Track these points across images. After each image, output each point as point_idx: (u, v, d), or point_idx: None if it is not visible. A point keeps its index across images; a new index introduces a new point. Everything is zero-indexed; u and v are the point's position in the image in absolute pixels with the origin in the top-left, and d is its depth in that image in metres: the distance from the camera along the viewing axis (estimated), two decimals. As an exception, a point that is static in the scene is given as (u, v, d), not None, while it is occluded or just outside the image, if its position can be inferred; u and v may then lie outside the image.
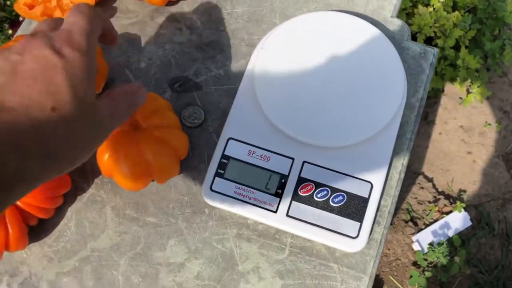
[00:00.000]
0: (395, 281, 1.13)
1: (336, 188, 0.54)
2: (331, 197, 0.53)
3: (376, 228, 0.54)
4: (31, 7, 0.61)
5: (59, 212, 0.55)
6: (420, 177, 1.22)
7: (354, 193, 0.53)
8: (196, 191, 0.56)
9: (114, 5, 0.65)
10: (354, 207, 0.53)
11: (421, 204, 1.20)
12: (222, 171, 0.55)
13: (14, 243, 0.50)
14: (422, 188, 1.21)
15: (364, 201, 0.53)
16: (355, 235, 0.52)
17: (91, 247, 0.54)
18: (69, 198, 0.56)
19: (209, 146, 0.58)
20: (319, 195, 0.54)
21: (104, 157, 0.49)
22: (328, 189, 0.54)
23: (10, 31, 1.26)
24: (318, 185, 0.54)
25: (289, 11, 0.64)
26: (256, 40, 0.63)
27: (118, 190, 0.56)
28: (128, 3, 0.66)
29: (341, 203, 0.53)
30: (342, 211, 0.53)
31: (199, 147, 0.58)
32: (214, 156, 0.55)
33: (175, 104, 0.60)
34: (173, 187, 0.56)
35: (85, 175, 0.57)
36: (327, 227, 0.53)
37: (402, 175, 0.57)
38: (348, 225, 0.53)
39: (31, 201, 0.50)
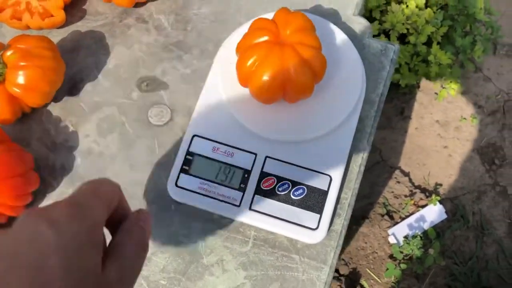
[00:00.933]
0: (372, 273, 1.15)
1: (297, 182, 0.55)
2: (292, 190, 0.55)
3: (337, 220, 0.56)
4: (0, 10, 0.63)
5: (29, 210, 0.57)
6: (397, 172, 1.24)
7: (314, 186, 0.55)
8: (163, 188, 0.58)
9: (83, 7, 0.67)
10: (314, 200, 0.55)
11: (398, 198, 1.22)
12: (187, 168, 0.56)
13: (-17, 240, 0.51)
14: (398, 182, 1.23)
15: (324, 194, 0.55)
16: (315, 227, 0.54)
17: (60, 243, 0.56)
18: (38, 196, 0.57)
19: (176, 144, 0.60)
20: (280, 189, 0.55)
21: (247, 62, 0.51)
22: (289, 182, 0.55)
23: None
24: (279, 179, 0.56)
25: (254, 11, 0.66)
26: (222, 39, 0.64)
27: (86, 188, 0.58)
28: (97, 5, 0.67)
29: (302, 196, 0.55)
30: (302, 204, 0.55)
31: (166, 145, 0.60)
32: (179, 152, 0.57)
33: (142, 103, 0.61)
34: (140, 184, 0.58)
35: (54, 172, 0.58)
36: (288, 219, 0.54)
37: (362, 168, 0.59)
38: (308, 217, 0.54)
39: (0, 199, 0.51)
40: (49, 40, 0.58)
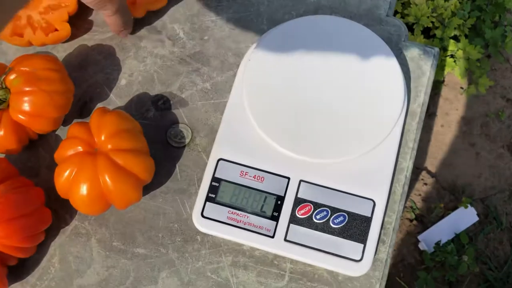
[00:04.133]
0: (402, 282, 1.10)
1: (336, 208, 0.50)
2: (331, 217, 0.50)
3: (381, 247, 0.51)
4: (-1, 26, 0.57)
5: (41, 248, 0.52)
6: (423, 173, 1.18)
7: (356, 212, 0.50)
8: (187, 218, 0.52)
9: (90, 18, 0.61)
10: (356, 228, 0.49)
11: (426, 201, 1.16)
12: (213, 195, 0.51)
13: (-7, 287, 0.46)
14: (425, 184, 1.17)
15: (367, 221, 0.50)
16: (358, 258, 0.49)
17: (78, 284, 0.51)
18: (51, 232, 0.52)
19: (199, 167, 0.54)
20: (318, 216, 0.50)
21: (61, 178, 0.47)
22: (327, 209, 0.50)
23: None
24: (317, 205, 0.50)
25: (277, 15, 0.60)
26: (243, 48, 0.58)
27: (103, 221, 0.53)
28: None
29: (342, 224, 0.50)
30: (343, 233, 0.49)
31: (188, 169, 0.54)
32: (204, 179, 0.51)
33: (159, 123, 0.56)
34: (162, 214, 0.53)
35: (67, 206, 0.53)
36: (328, 250, 0.49)
37: (406, 188, 0.53)
38: (350, 247, 0.49)
39: (8, 242, 0.46)
40: (56, 60, 0.52)
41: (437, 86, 1.20)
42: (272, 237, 0.50)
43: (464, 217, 1.11)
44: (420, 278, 1.05)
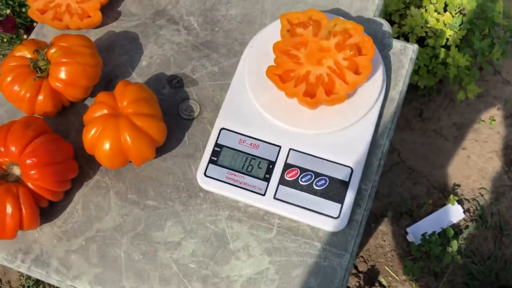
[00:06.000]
0: (390, 271, 1.16)
1: (319, 173, 0.58)
2: (315, 180, 0.58)
3: (357, 210, 0.59)
4: (43, 12, 0.67)
5: (68, 197, 0.61)
6: (415, 173, 1.26)
7: (336, 177, 0.58)
8: (192, 177, 0.61)
9: (118, 8, 0.71)
10: (335, 190, 0.58)
11: (415, 198, 1.23)
12: (215, 158, 0.60)
13: (27, 223, 0.55)
14: (417, 183, 1.25)
15: (345, 184, 0.58)
16: (336, 215, 0.57)
17: (96, 227, 0.60)
18: (76, 184, 0.61)
19: (204, 136, 0.63)
20: (303, 179, 0.58)
21: (88, 135, 0.57)
22: (312, 173, 0.58)
23: (25, 36, 1.33)
24: (302, 170, 0.59)
25: (279, 12, 0.69)
26: (248, 39, 0.68)
27: (121, 177, 0.62)
28: (130, 7, 0.71)
29: (324, 186, 0.58)
30: (324, 194, 0.58)
31: (195, 137, 0.63)
32: (208, 144, 0.60)
33: (173, 99, 0.65)
34: (171, 173, 0.62)
35: (91, 163, 0.62)
36: (311, 208, 0.57)
37: (382, 162, 0.61)
38: (330, 206, 0.57)
39: (42, 184, 0.55)
40: (88, 39, 0.62)
41: (430, 92, 1.28)
42: (264, 195, 0.58)
43: (451, 213, 1.19)
44: (406, 267, 1.12)
